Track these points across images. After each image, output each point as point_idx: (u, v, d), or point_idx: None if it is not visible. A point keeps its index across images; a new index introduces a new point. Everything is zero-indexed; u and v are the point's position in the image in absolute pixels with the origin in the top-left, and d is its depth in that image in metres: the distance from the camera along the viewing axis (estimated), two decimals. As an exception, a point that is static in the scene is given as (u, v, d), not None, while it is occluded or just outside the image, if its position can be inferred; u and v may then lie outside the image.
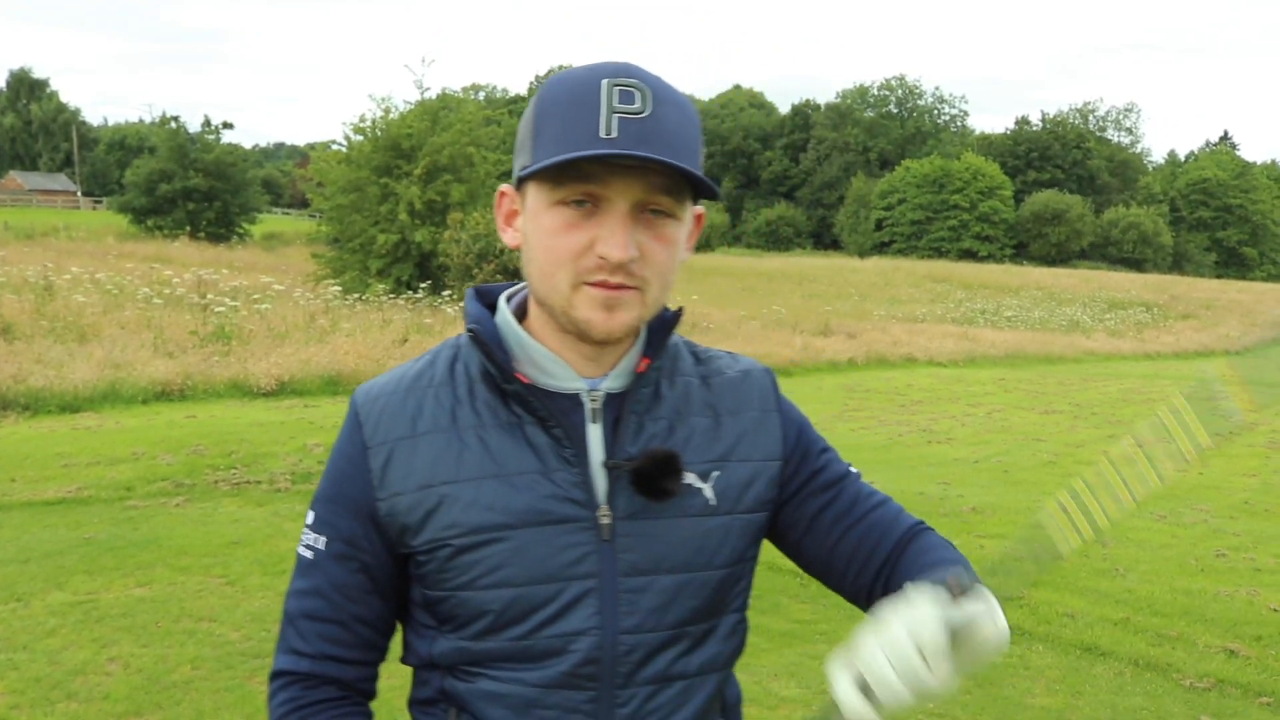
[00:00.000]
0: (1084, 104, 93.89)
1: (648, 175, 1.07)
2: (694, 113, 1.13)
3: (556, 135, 1.07)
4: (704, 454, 1.21)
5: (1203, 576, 6.12)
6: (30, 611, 4.80)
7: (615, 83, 1.07)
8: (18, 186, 76.82)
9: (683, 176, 1.08)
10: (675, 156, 1.06)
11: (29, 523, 6.19)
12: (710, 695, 1.23)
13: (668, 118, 1.08)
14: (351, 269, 22.09)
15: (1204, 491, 8.98)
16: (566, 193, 1.08)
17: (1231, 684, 4.61)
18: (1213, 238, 79.72)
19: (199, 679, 4.15)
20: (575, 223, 1.09)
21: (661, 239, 1.12)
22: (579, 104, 1.07)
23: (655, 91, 1.08)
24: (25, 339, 11.78)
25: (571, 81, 1.10)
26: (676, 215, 1.13)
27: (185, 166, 40.92)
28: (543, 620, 1.15)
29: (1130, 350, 25.58)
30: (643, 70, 1.10)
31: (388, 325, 15.18)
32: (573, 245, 1.09)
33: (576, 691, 1.15)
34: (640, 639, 1.16)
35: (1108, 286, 43.86)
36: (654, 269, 1.12)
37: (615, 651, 1.15)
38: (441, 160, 22.02)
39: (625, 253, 1.08)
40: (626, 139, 1.05)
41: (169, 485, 7.12)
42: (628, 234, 1.08)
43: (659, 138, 1.06)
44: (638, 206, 1.09)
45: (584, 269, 1.10)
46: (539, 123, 1.11)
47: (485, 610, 1.15)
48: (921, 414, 13.26)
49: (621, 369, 1.20)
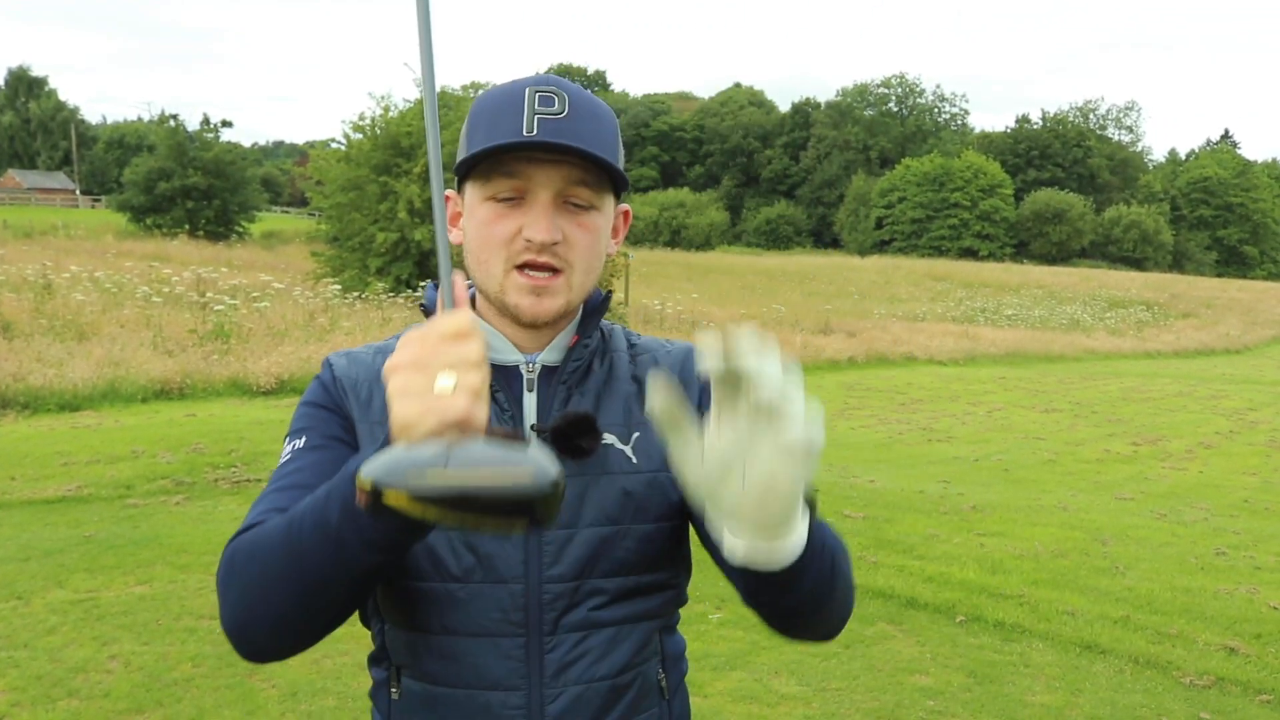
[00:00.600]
0: (1084, 102, 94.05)
1: (566, 168, 1.19)
2: (611, 117, 1.25)
3: (484, 136, 1.19)
4: (626, 418, 1.29)
5: (1202, 574, 6.12)
6: (31, 609, 4.80)
7: (537, 90, 1.19)
8: (16, 185, 76.80)
9: (600, 170, 1.20)
10: (590, 150, 1.17)
11: (29, 521, 6.19)
12: (640, 643, 1.28)
13: (583, 118, 1.19)
14: (351, 267, 22.06)
15: (1204, 490, 8.99)
16: (495, 188, 1.20)
17: (1231, 681, 4.61)
18: (1213, 236, 79.79)
19: (200, 676, 4.16)
20: (504, 214, 1.20)
21: (583, 226, 1.22)
22: (504, 108, 1.19)
23: (573, 97, 1.20)
24: (24, 337, 11.78)
25: (498, 91, 1.23)
26: (596, 206, 1.23)
27: (184, 165, 40.87)
28: (470, 565, 1.21)
29: (1131, 349, 25.59)
30: (564, 81, 1.22)
31: (387, 324, 15.19)
32: (503, 232, 1.21)
33: (505, 639, 1.21)
34: (564, 587, 1.22)
35: (1108, 285, 43.89)
36: (577, 253, 1.22)
37: (541, 598, 1.21)
38: (441, 158, 22.04)
39: (549, 234, 1.18)
40: (544, 134, 1.16)
41: (169, 483, 7.12)
42: (550, 218, 1.19)
43: (575, 135, 1.17)
44: (559, 196, 1.20)
45: (514, 252, 1.20)
46: (471, 128, 1.23)
47: (421, 553, 1.20)
48: (922, 412, 13.27)
49: (556, 344, 1.29)
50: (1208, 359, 25.27)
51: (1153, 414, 13.98)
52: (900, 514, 7.21)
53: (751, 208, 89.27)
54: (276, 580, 1.05)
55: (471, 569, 1.20)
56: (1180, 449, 11.17)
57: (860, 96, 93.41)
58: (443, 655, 1.22)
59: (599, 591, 1.24)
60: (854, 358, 18.61)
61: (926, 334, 23.13)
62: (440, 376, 0.90)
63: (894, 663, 4.66)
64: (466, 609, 1.21)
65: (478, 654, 1.21)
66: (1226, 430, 12.67)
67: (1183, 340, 27.95)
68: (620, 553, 1.25)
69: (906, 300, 35.03)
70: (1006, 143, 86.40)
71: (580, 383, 1.30)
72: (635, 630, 1.27)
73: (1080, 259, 69.92)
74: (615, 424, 1.29)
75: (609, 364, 1.33)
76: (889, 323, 25.56)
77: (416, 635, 1.23)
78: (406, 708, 1.26)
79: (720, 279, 36.43)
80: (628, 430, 1.29)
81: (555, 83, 1.21)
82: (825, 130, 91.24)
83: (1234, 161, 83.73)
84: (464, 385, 0.90)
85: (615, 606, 1.25)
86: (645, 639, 1.28)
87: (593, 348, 1.32)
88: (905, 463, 9.69)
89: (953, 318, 30.20)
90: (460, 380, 0.90)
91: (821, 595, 1.10)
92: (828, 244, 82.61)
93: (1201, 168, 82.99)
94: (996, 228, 74.70)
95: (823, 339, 19.95)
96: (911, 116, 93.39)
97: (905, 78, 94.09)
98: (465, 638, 1.21)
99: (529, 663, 1.21)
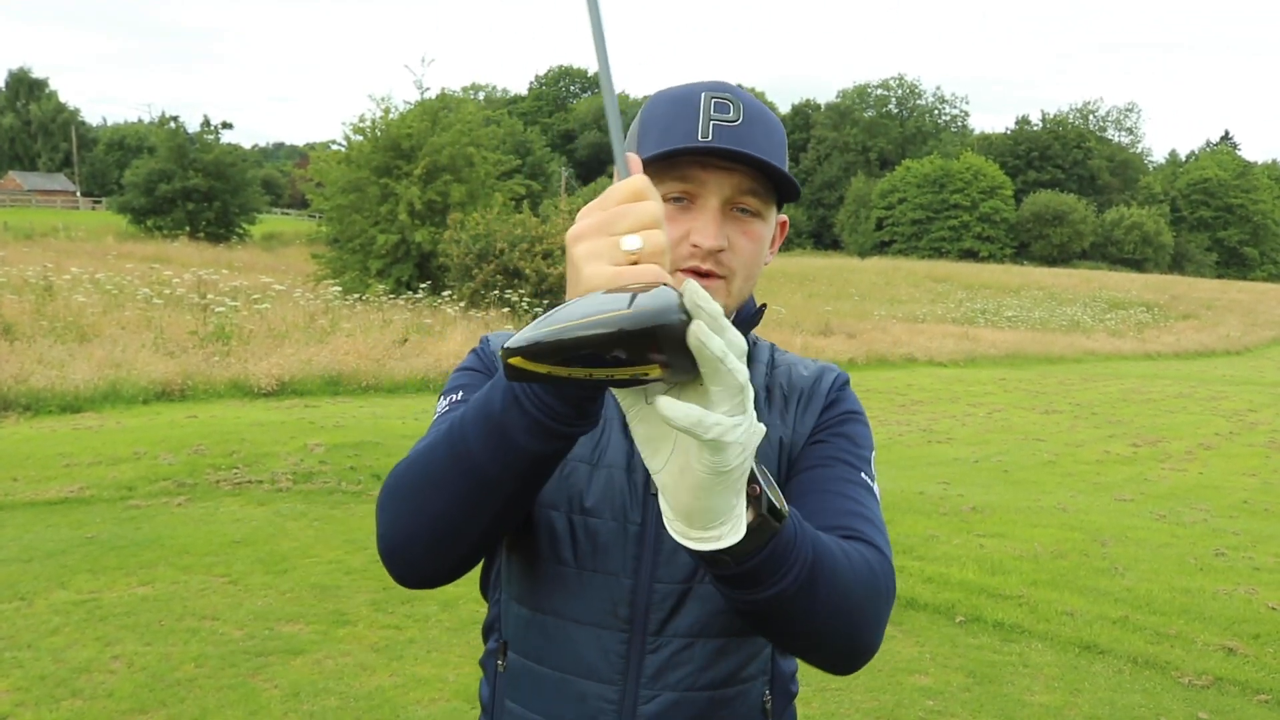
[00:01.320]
0: (1084, 103, 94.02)
1: (737, 176, 1.19)
2: (781, 127, 1.25)
3: (659, 137, 1.19)
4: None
5: (1201, 575, 6.13)
6: (34, 610, 4.82)
7: (713, 95, 1.20)
8: (17, 187, 76.79)
9: (768, 180, 1.21)
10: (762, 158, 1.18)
11: (31, 522, 6.20)
12: (747, 659, 1.25)
13: (757, 127, 1.20)
14: (351, 269, 22.10)
15: (1203, 491, 9.00)
16: (666, 189, 1.19)
17: (1230, 682, 4.63)
18: (1213, 237, 79.77)
19: (202, 677, 4.17)
20: (673, 216, 1.20)
21: (748, 235, 1.23)
22: (680, 111, 1.20)
23: (748, 106, 1.21)
24: (26, 339, 11.79)
25: (674, 94, 1.24)
26: (762, 215, 1.24)
27: (184, 166, 40.96)
28: (586, 553, 1.22)
29: (1131, 350, 25.60)
30: (738, 88, 1.23)
31: (388, 325, 15.19)
32: (671, 236, 1.15)
33: (608, 632, 1.21)
34: (673, 589, 1.21)
35: (1108, 286, 43.89)
36: (740, 261, 1.22)
37: (649, 599, 1.21)
38: (441, 160, 22.05)
39: (716, 241, 1.19)
40: (720, 140, 1.17)
41: (170, 485, 7.14)
42: (719, 225, 1.20)
43: (750, 143, 1.18)
44: (728, 203, 1.21)
45: (680, 256, 1.20)
46: (644, 128, 1.22)
47: (543, 530, 1.23)
48: (922, 414, 13.28)
49: None
50: (1208, 360, 25.27)
51: (1153, 415, 13.99)
52: (900, 515, 7.22)
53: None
54: (441, 483, 1.06)
55: (586, 556, 1.22)
56: (1180, 450, 11.18)
57: (860, 98, 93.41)
58: (548, 636, 1.24)
59: (709, 599, 1.21)
60: (854, 359, 18.63)
61: (927, 335, 23.14)
62: (626, 238, 0.88)
63: (893, 663, 4.68)
64: (576, 595, 1.22)
65: (580, 641, 1.22)
66: (1226, 431, 12.68)
67: (1183, 341, 27.96)
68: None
69: (907, 302, 35.05)
70: (1006, 144, 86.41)
71: None
72: (744, 645, 1.25)
73: (1080, 260, 69.90)
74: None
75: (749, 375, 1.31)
76: (889, 324, 25.57)
77: (528, 612, 1.25)
78: (510, 680, 1.28)
79: (720, 280, 36.38)
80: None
81: (730, 90, 1.22)
82: (825, 132, 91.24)
83: (1234, 163, 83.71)
84: (650, 244, 0.88)
85: (725, 617, 1.22)
86: (753, 655, 1.26)
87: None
88: (905, 464, 9.70)
89: (953, 319, 30.21)
90: (646, 241, 0.88)
91: (796, 609, 1.01)
92: (828, 245, 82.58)
93: (1201, 169, 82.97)
94: (997, 229, 74.68)
95: (823, 340, 19.96)
96: (911, 118, 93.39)
97: (905, 79, 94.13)
98: (571, 623, 1.22)
99: (629, 660, 1.21)
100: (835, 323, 23.05)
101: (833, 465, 1.28)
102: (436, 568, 1.13)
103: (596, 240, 0.89)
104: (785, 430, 1.30)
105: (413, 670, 4.31)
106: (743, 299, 1.26)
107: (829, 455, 1.29)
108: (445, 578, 1.14)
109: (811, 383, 1.35)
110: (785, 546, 0.97)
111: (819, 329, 21.66)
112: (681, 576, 1.21)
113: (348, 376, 11.55)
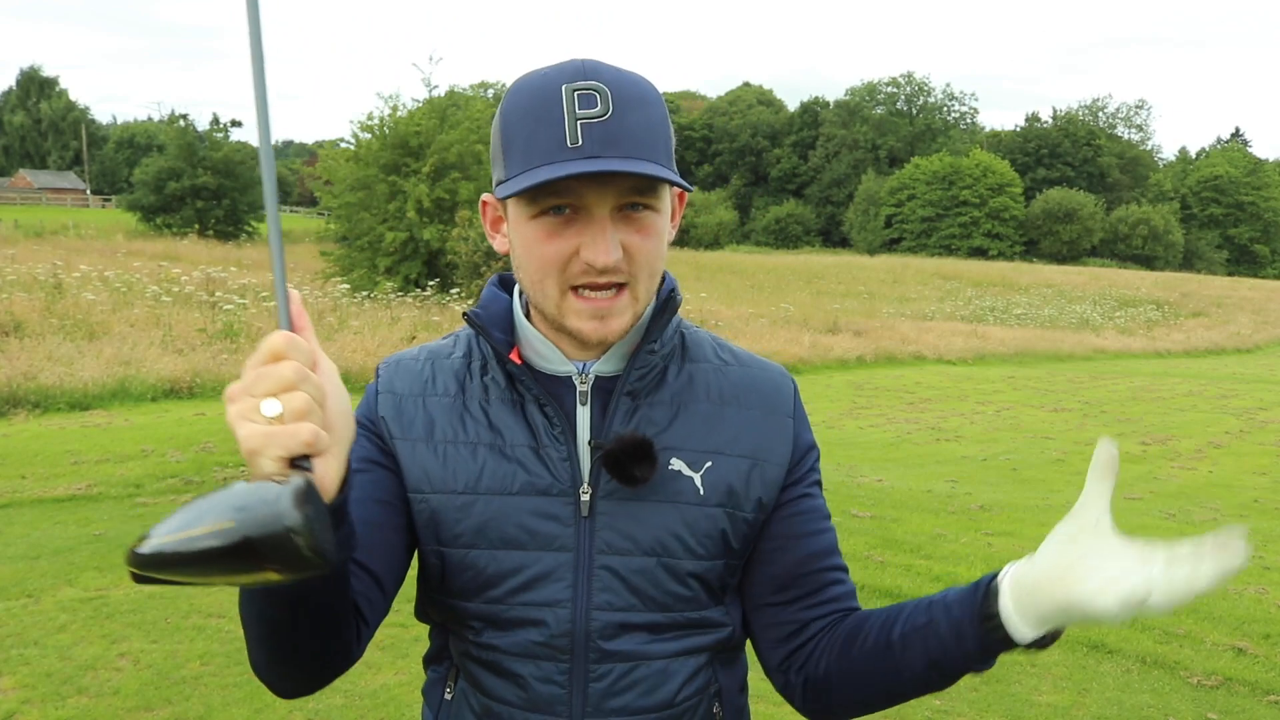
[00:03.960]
0: (1094, 100, 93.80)
1: (620, 180, 1.08)
2: (658, 103, 1.12)
3: (524, 148, 1.08)
4: (701, 442, 1.21)
5: (1211, 574, 6.10)
6: (41, 607, 4.83)
7: (574, 88, 1.07)
8: (27, 185, 77.10)
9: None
10: (642, 154, 1.07)
11: (39, 519, 6.22)
12: (689, 677, 1.22)
13: (630, 116, 1.08)
14: (359, 267, 22.11)
15: (1214, 489, 8.96)
16: (544, 204, 1.10)
17: (1239, 682, 4.60)
18: (1224, 235, 79.47)
19: (208, 674, 4.17)
20: (556, 231, 1.10)
21: (644, 232, 1.12)
22: (542, 113, 1.08)
23: (615, 91, 1.08)
24: (35, 336, 11.83)
25: (531, 89, 1.11)
26: (655, 207, 1.13)
27: (194, 165, 41.03)
28: (516, 587, 1.17)
29: (1140, 348, 25.48)
30: (601, 67, 1.10)
31: (396, 323, 15.21)
32: (558, 253, 1.11)
33: (550, 662, 1.18)
34: (613, 616, 1.18)
35: (1118, 284, 43.74)
36: (640, 263, 1.13)
37: (588, 626, 1.17)
38: (449, 158, 22.03)
39: (609, 257, 1.09)
40: (591, 144, 1.05)
41: (178, 482, 7.15)
42: (610, 238, 1.09)
43: (625, 138, 1.06)
44: (615, 208, 1.10)
45: (572, 274, 1.12)
46: (506, 134, 1.12)
47: (465, 569, 1.19)
48: (930, 412, 13.24)
49: (612, 353, 1.21)
50: (1218, 358, 25.16)
51: (1162, 413, 13.92)
52: (908, 513, 7.20)
53: (760, 207, 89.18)
54: (247, 620, 1.05)
55: (517, 590, 1.17)
56: (1190, 449, 11.13)
57: (869, 95, 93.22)
58: (489, 669, 1.20)
59: (650, 624, 1.18)
60: (862, 357, 18.57)
61: (935, 333, 23.07)
62: (265, 403, 0.87)
63: (901, 662, 4.65)
64: (512, 629, 1.18)
65: (523, 674, 1.18)
66: (1237, 430, 12.62)
67: (1193, 339, 27.82)
68: (673, 585, 1.18)
69: (915, 299, 34.95)
70: (1016, 141, 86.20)
71: (652, 394, 1.21)
72: (687, 664, 1.21)
73: (1090, 258, 69.70)
74: (687, 448, 1.19)
75: (689, 376, 1.24)
76: (897, 322, 25.50)
77: (468, 646, 1.22)
78: (456, 711, 1.24)
79: (729, 278, 36.40)
80: (701, 457, 1.19)
81: (593, 73, 1.08)
82: (834, 129, 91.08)
83: (1245, 160, 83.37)
84: (290, 409, 0.86)
85: (666, 640, 1.20)
86: (696, 673, 1.22)
87: (664, 353, 1.23)
88: (913, 462, 9.67)
89: (961, 317, 30.12)
90: (286, 405, 0.86)
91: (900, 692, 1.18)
92: (836, 243, 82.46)
93: (1212, 166, 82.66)
94: (1006, 226, 74.48)
95: (831, 338, 19.91)
96: (920, 115, 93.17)
97: (914, 76, 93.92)
98: (511, 657, 1.19)
99: (572, 689, 1.18)
100: (843, 320, 22.99)
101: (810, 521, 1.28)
102: (295, 686, 1.12)
103: (243, 402, 0.88)
104: (743, 463, 1.22)
105: (418, 668, 4.29)
106: (650, 297, 1.18)
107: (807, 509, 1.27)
108: (317, 687, 1.13)
109: (771, 390, 1.27)
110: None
111: (827, 327, 21.60)
112: (622, 603, 1.17)
113: (355, 374, 11.56)
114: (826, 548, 1.27)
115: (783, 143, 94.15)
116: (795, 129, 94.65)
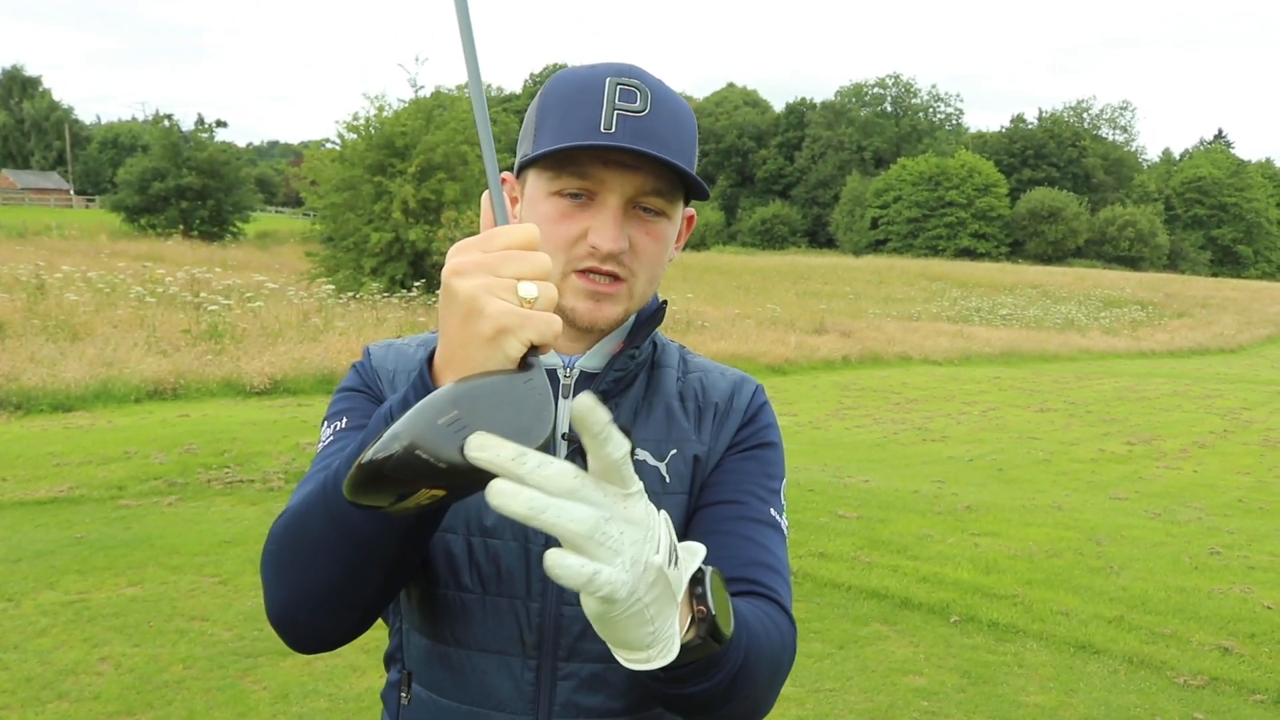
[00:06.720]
0: (1079, 102, 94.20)
1: (641, 173, 1.11)
2: (691, 117, 1.17)
3: (558, 126, 1.11)
4: (664, 434, 1.23)
5: (1196, 574, 6.12)
6: (21, 611, 4.78)
7: (618, 81, 1.11)
8: (10, 185, 76.59)
9: (675, 176, 1.13)
10: (670, 156, 1.10)
11: (20, 522, 6.16)
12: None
13: (665, 119, 1.12)
14: (345, 267, 22.02)
15: (1198, 489, 9.00)
16: (564, 184, 1.12)
17: (1225, 681, 4.61)
18: (1207, 236, 79.90)
19: (191, 678, 4.14)
20: (570, 213, 1.13)
21: (652, 235, 1.15)
22: (582, 98, 1.11)
23: (655, 93, 1.12)
24: (17, 337, 11.74)
25: (576, 78, 1.15)
26: (668, 214, 1.16)
27: (178, 165, 40.81)
28: (486, 577, 1.16)
29: (1125, 348, 25.61)
30: (645, 72, 1.15)
31: (381, 324, 15.16)
32: (567, 234, 1.13)
33: (517, 660, 1.16)
34: (581, 612, 1.12)
35: (1103, 284, 43.95)
36: (642, 263, 1.16)
37: (558, 623, 1.16)
38: (435, 159, 21.96)
39: (616, 244, 1.11)
40: (624, 134, 1.09)
41: (161, 484, 7.10)
42: (619, 226, 1.12)
43: (656, 136, 1.10)
44: (630, 202, 1.13)
45: (576, 256, 1.14)
46: (542, 114, 1.15)
47: (439, 555, 1.16)
48: (916, 412, 13.26)
49: (598, 350, 1.23)
50: (1202, 358, 25.30)
51: (1147, 413, 13.99)
52: (894, 514, 7.20)
53: (746, 207, 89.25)
54: (318, 547, 0.99)
55: (489, 580, 1.15)
56: (1175, 448, 11.18)
57: (855, 96, 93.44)
58: (453, 668, 1.18)
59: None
60: (848, 357, 18.61)
61: (921, 334, 23.13)
62: (523, 285, 0.84)
63: (888, 663, 4.65)
64: (480, 623, 1.16)
65: (488, 672, 1.16)
66: (1221, 430, 12.68)
67: (1177, 340, 27.98)
68: None
69: (901, 300, 35.04)
70: (1001, 142, 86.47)
71: (620, 393, 1.24)
72: None
73: (1075, 258, 70.01)
74: (651, 439, 1.23)
75: (653, 378, 1.27)
76: (884, 322, 25.55)
77: (430, 643, 1.19)
78: (415, 716, 1.22)
79: (715, 278, 36.41)
80: (664, 447, 1.22)
81: (637, 75, 1.13)
82: (820, 130, 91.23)
83: (1228, 161, 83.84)
84: (545, 297, 0.84)
85: None
86: None
87: (641, 359, 1.25)
88: (899, 462, 9.68)
89: (948, 317, 30.20)
90: (542, 292, 0.84)
91: (714, 699, 0.98)
92: (823, 244, 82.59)
93: (1195, 167, 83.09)
94: (992, 227, 74.74)
95: (817, 339, 19.93)
96: (906, 116, 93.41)
97: (900, 78, 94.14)
98: (476, 652, 1.16)
99: (539, 689, 1.16)
100: (830, 321, 23.02)
101: (742, 502, 1.21)
102: (328, 636, 1.08)
103: (488, 278, 0.85)
104: (701, 447, 1.23)
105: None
106: (645, 300, 1.20)
107: (739, 488, 1.22)
108: (341, 642, 1.09)
109: (728, 396, 1.28)
110: (720, 655, 0.93)
111: (813, 327, 21.62)
112: None
113: (341, 375, 11.48)
114: (738, 557, 1.17)
115: (769, 144, 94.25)
116: (781, 130, 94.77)
